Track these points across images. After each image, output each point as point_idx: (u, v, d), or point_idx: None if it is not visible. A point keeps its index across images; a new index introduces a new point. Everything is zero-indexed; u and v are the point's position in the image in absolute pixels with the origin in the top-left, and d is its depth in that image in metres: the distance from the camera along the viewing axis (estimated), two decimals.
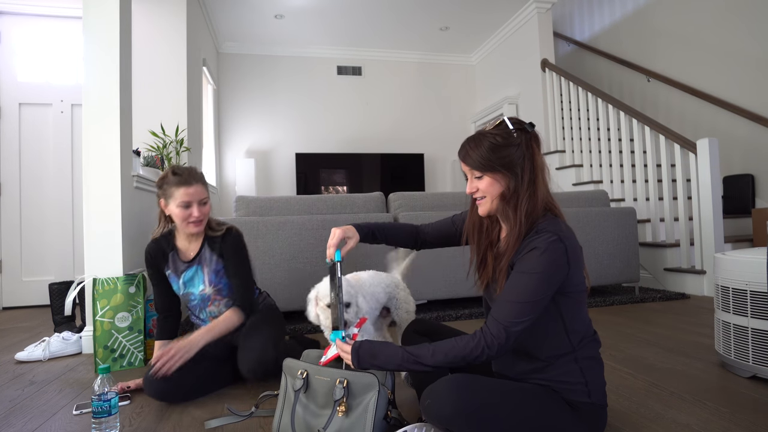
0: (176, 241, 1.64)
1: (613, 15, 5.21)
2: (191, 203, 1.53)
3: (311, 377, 1.14)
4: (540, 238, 0.95)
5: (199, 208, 1.54)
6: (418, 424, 1.04)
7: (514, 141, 1.00)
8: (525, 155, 1.00)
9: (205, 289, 1.63)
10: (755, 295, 1.45)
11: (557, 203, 1.05)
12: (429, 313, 2.64)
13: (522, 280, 0.94)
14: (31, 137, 3.49)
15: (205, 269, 1.62)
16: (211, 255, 1.63)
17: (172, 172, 1.54)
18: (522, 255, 0.97)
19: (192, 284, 1.63)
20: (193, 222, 1.54)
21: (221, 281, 1.64)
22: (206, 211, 1.57)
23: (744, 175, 3.80)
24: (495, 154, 0.99)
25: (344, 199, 2.76)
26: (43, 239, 3.47)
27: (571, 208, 3.05)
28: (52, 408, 1.45)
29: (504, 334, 0.91)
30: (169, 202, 1.54)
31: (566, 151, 4.43)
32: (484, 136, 1.02)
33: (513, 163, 0.99)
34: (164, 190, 1.55)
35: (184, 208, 1.52)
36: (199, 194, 1.54)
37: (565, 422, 0.96)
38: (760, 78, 3.68)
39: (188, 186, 1.52)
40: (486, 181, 1.02)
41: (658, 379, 1.52)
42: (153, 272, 1.64)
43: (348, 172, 5.55)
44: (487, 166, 1.00)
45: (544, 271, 0.93)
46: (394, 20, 5.00)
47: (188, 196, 1.52)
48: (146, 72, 3.51)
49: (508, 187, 1.00)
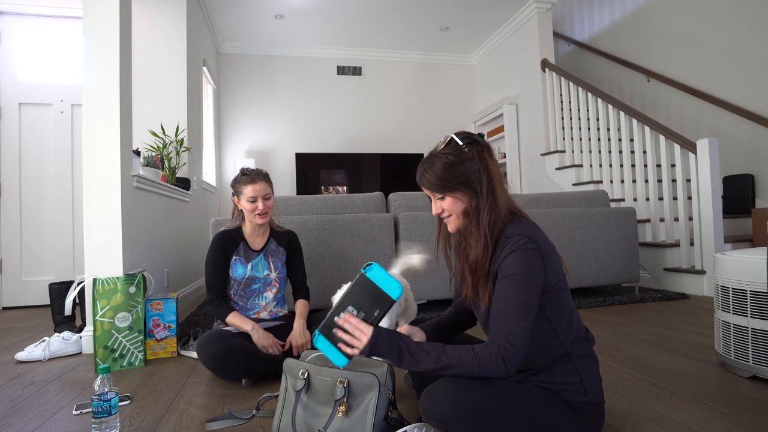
0: (245, 233, 1.87)
1: (613, 15, 5.21)
2: (257, 198, 1.77)
3: (312, 377, 1.14)
4: (510, 242, 0.96)
5: (263, 202, 1.78)
6: (418, 424, 1.04)
7: (467, 156, 1.00)
8: (480, 168, 1.00)
9: (270, 274, 1.88)
10: (755, 295, 1.45)
11: (518, 204, 1.05)
12: (429, 313, 2.64)
13: (506, 285, 0.94)
14: (31, 137, 3.49)
15: (270, 258, 1.89)
16: (276, 247, 1.92)
17: (242, 173, 1.80)
18: (499, 264, 0.97)
19: (257, 269, 1.86)
20: (258, 214, 1.78)
21: (282, 271, 1.91)
22: (270, 204, 1.81)
23: (744, 175, 3.80)
24: (450, 173, 1.00)
25: (344, 199, 2.76)
26: (43, 239, 3.47)
27: (571, 208, 3.05)
28: (52, 408, 1.45)
29: (509, 345, 0.90)
30: (240, 198, 1.80)
31: (566, 151, 4.43)
32: (436, 156, 1.02)
33: (470, 179, 1.00)
34: (236, 188, 1.81)
35: (251, 202, 1.77)
36: (264, 190, 1.78)
37: (563, 422, 0.96)
38: (760, 78, 3.68)
39: (254, 183, 1.77)
40: (448, 201, 1.02)
41: (658, 379, 1.52)
42: (220, 258, 1.81)
43: (348, 172, 5.55)
44: (446, 187, 1.01)
45: (524, 270, 0.93)
46: (395, 20, 5.00)
47: (254, 192, 1.76)
48: (146, 72, 3.51)
49: (470, 203, 1.01)
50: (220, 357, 1.55)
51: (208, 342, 1.58)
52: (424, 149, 5.87)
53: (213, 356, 1.55)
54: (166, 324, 2.03)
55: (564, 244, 2.91)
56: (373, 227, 2.62)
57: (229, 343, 1.56)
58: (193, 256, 3.71)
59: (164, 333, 2.02)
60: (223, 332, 1.63)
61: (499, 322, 0.93)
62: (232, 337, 1.61)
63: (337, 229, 2.56)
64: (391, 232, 2.66)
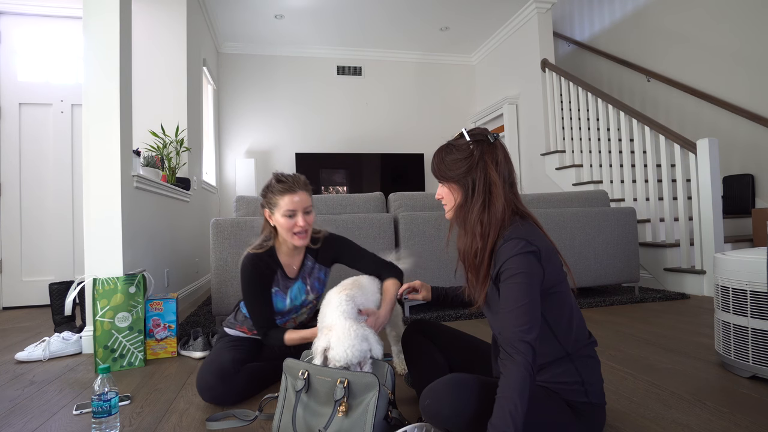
0: (279, 257, 1.55)
1: (613, 15, 5.21)
2: (296, 212, 1.43)
3: (312, 377, 1.14)
4: (508, 245, 0.96)
5: (303, 217, 1.44)
6: (418, 424, 1.04)
7: (467, 153, 1.01)
8: (478, 167, 1.00)
9: (308, 297, 1.61)
10: (755, 295, 1.45)
11: (525, 207, 1.05)
12: (429, 313, 2.64)
13: (509, 287, 0.94)
14: (31, 137, 3.49)
15: (308, 279, 1.60)
16: (313, 264, 1.61)
17: (276, 180, 1.45)
18: (499, 268, 0.97)
19: (297, 298, 1.59)
20: (298, 233, 1.45)
21: (320, 289, 1.64)
22: (311, 220, 1.47)
23: (744, 175, 3.80)
24: (446, 165, 1.03)
25: (344, 199, 2.76)
26: (43, 239, 3.47)
27: (571, 208, 3.05)
28: (52, 408, 1.45)
29: (522, 345, 0.89)
30: (274, 211, 1.45)
31: (566, 151, 4.43)
32: (446, 145, 1.05)
33: (463, 175, 1.01)
34: (269, 199, 1.46)
35: (289, 217, 1.43)
36: (304, 202, 1.44)
37: (563, 422, 0.96)
38: (760, 78, 3.68)
39: (293, 194, 1.43)
40: (445, 189, 1.06)
41: (658, 379, 1.52)
42: (260, 291, 1.49)
43: (348, 172, 5.55)
44: (442, 176, 1.04)
45: (524, 270, 0.93)
46: (394, 20, 5.00)
47: (293, 204, 1.42)
48: (146, 72, 3.51)
49: (462, 198, 1.02)
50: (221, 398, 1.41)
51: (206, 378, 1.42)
52: (424, 149, 5.88)
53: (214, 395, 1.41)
54: (166, 324, 2.03)
55: (564, 244, 2.91)
56: (373, 227, 2.62)
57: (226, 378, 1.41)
58: (193, 257, 3.71)
59: (164, 333, 2.02)
60: (222, 366, 1.44)
61: (506, 326, 0.92)
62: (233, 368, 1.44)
63: (338, 229, 2.55)
64: (391, 232, 2.66)
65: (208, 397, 1.41)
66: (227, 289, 2.38)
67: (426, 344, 1.28)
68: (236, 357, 1.49)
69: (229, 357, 1.48)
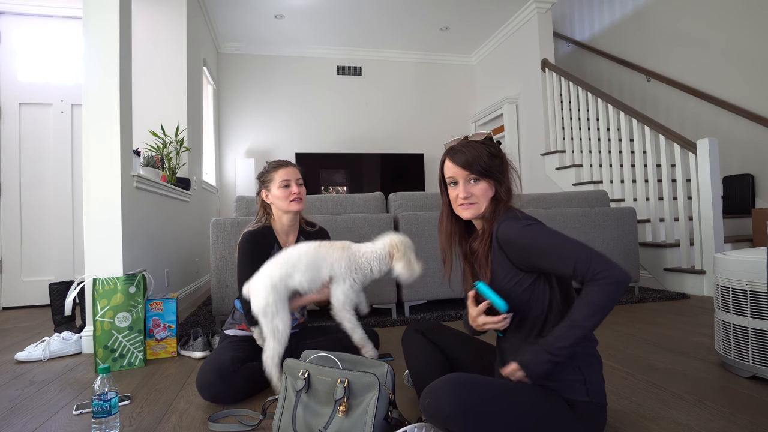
0: (276, 232, 1.73)
1: (613, 15, 5.21)
2: (290, 181, 1.66)
3: (313, 377, 1.14)
4: (506, 223, 1.05)
5: (297, 186, 1.67)
6: (419, 424, 1.04)
7: (502, 154, 1.13)
8: (504, 169, 1.12)
9: None
10: (755, 295, 1.46)
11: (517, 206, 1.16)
12: (429, 313, 2.64)
13: (532, 235, 1.00)
14: (31, 137, 3.49)
15: None
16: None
17: (268, 164, 1.72)
18: (499, 245, 1.04)
19: None
20: (294, 199, 1.66)
21: None
22: (303, 191, 1.70)
23: (744, 175, 3.80)
24: (493, 162, 1.09)
25: (344, 199, 2.76)
26: (43, 239, 3.47)
27: (571, 208, 3.05)
28: (52, 408, 1.45)
29: (593, 263, 0.92)
30: (271, 187, 1.67)
31: (566, 151, 4.43)
32: (481, 144, 1.10)
33: (502, 173, 1.11)
34: (265, 178, 1.69)
35: (284, 187, 1.66)
36: (296, 174, 1.69)
37: (564, 421, 0.96)
38: (760, 78, 3.68)
39: (285, 167, 1.68)
40: (481, 186, 1.09)
41: (658, 379, 1.53)
42: (254, 258, 1.60)
43: (348, 172, 5.55)
44: (488, 173, 1.09)
45: (535, 221, 1.04)
46: (394, 20, 5.00)
47: (287, 174, 1.66)
48: (146, 72, 3.51)
49: (497, 191, 1.11)
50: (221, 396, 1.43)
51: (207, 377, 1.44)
52: (424, 149, 5.88)
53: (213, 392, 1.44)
54: (166, 324, 2.03)
55: None
56: (373, 227, 2.62)
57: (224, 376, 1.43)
58: (193, 257, 3.71)
59: (164, 333, 2.02)
60: (222, 365, 1.46)
61: (562, 263, 0.95)
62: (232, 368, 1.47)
63: (338, 229, 2.55)
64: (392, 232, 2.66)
65: (208, 395, 1.43)
66: (227, 289, 2.38)
67: (426, 344, 1.28)
68: (236, 356, 1.52)
69: (229, 356, 1.51)
